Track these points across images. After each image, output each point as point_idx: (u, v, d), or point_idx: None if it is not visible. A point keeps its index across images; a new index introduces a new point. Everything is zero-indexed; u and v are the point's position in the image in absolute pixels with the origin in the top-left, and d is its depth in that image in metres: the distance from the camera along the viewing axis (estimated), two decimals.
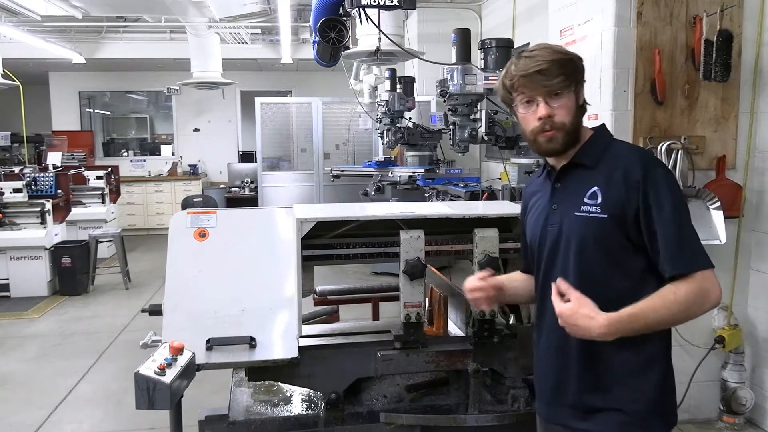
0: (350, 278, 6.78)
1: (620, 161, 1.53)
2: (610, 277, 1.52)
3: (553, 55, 1.52)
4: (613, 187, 1.50)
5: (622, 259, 1.51)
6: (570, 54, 1.56)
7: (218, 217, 2.06)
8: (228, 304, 1.94)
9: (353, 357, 2.04)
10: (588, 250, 1.52)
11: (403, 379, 2.23)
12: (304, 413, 2.03)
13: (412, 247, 1.95)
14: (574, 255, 1.54)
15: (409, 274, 1.95)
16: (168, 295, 1.93)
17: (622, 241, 1.50)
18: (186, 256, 1.99)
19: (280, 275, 1.98)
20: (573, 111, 1.55)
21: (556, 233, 1.58)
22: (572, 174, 1.60)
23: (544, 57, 1.52)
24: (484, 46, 4.61)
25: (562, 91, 1.52)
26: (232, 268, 1.99)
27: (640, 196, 1.47)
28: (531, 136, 1.58)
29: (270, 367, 1.95)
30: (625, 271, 1.51)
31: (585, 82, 1.60)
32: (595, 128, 1.64)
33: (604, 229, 1.50)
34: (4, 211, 6.66)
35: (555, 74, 1.51)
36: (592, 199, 1.52)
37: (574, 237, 1.54)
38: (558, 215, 1.59)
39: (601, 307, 1.45)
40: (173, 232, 2.02)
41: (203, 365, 1.85)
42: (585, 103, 1.60)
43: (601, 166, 1.54)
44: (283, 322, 1.93)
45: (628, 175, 1.49)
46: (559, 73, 1.51)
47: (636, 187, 1.47)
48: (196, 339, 1.85)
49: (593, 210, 1.51)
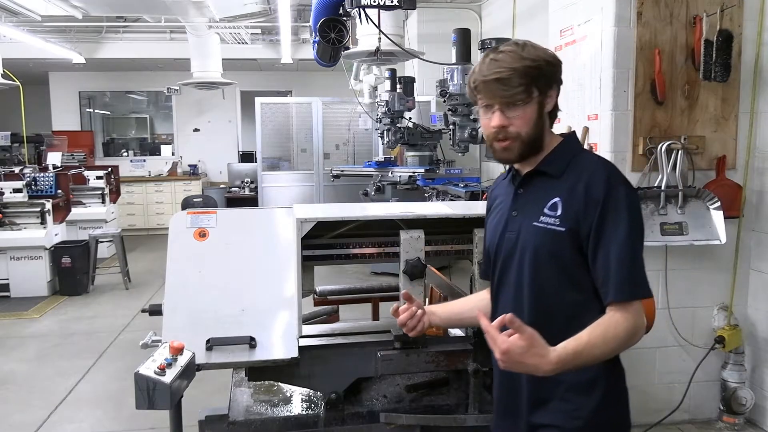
0: (350, 278, 6.78)
1: (585, 173, 1.47)
2: (563, 290, 1.48)
3: (516, 62, 1.43)
4: (574, 200, 1.45)
5: (576, 274, 1.47)
6: (539, 59, 1.46)
7: (218, 217, 2.06)
8: (228, 304, 1.94)
9: (353, 357, 2.04)
10: (542, 262, 1.48)
11: (403, 379, 2.23)
12: (304, 413, 2.03)
13: (412, 247, 1.95)
14: (528, 265, 1.50)
15: (409, 274, 1.95)
16: (168, 295, 1.93)
17: (576, 256, 1.46)
18: (186, 256, 1.99)
19: (280, 275, 1.98)
20: (532, 121, 1.48)
21: (514, 240, 1.54)
22: (536, 182, 1.54)
23: (506, 63, 1.43)
24: (484, 46, 4.61)
25: (522, 101, 1.45)
26: (232, 268, 1.99)
27: (598, 213, 1.42)
28: (488, 142, 1.54)
29: (270, 367, 1.95)
30: (578, 285, 1.47)
31: (558, 86, 1.52)
32: (564, 135, 1.58)
33: (560, 242, 1.46)
34: (4, 211, 6.66)
35: (515, 84, 1.43)
36: (552, 210, 1.47)
37: (529, 247, 1.50)
38: (517, 222, 1.55)
39: (554, 319, 1.44)
40: (173, 232, 2.02)
41: (203, 365, 1.85)
42: (555, 109, 1.53)
43: (566, 177, 1.49)
44: (283, 322, 1.93)
45: (590, 190, 1.43)
46: (519, 83, 1.43)
47: (596, 203, 1.42)
48: (196, 339, 1.85)
49: (552, 222, 1.46)
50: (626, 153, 3.34)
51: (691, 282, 3.48)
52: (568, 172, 1.49)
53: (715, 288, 3.52)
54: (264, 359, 1.89)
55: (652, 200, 3.29)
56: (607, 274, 1.41)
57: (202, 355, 1.84)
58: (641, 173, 3.33)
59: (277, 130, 9.02)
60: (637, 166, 3.35)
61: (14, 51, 9.16)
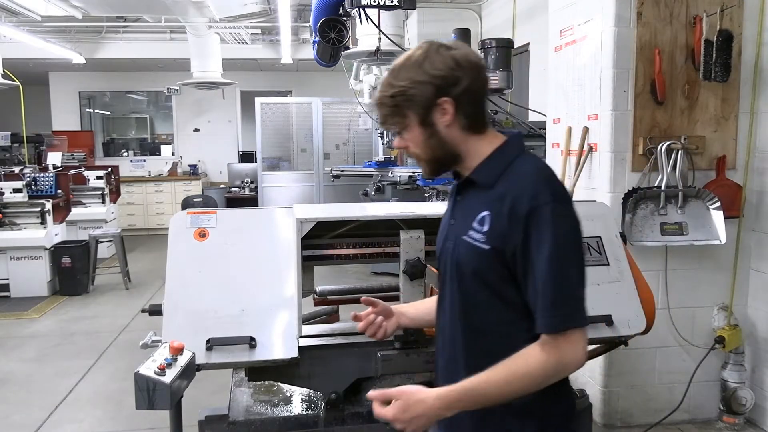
0: (350, 278, 6.78)
1: (515, 185, 1.33)
2: (493, 308, 1.38)
3: (386, 90, 1.38)
4: (501, 216, 1.32)
5: (505, 291, 1.35)
6: (402, 86, 1.36)
7: (218, 217, 2.06)
8: (228, 304, 1.93)
9: (353, 357, 2.04)
10: (466, 278, 1.39)
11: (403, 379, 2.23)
12: (304, 413, 2.03)
13: (412, 247, 1.95)
14: (455, 279, 1.43)
15: (409, 274, 1.95)
16: (168, 295, 1.93)
17: (503, 273, 1.34)
18: (186, 256, 1.99)
19: (280, 275, 1.98)
20: (423, 143, 1.40)
21: (450, 251, 1.45)
22: (470, 190, 1.44)
23: (380, 91, 1.39)
24: (484, 46, 4.61)
25: (399, 127, 1.40)
26: (232, 268, 1.99)
27: (521, 232, 1.29)
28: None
29: (270, 367, 1.95)
30: (508, 301, 1.36)
31: (453, 95, 1.36)
32: (507, 136, 1.44)
33: (484, 261, 1.35)
34: (4, 211, 6.66)
35: (383, 116, 1.40)
36: (480, 225, 1.36)
37: (454, 261, 1.42)
38: (454, 232, 1.45)
39: (487, 337, 1.38)
40: (173, 232, 2.02)
41: (203, 365, 1.85)
42: (474, 115, 1.40)
43: (499, 186, 1.36)
44: (283, 322, 1.93)
45: (515, 205, 1.30)
46: (386, 114, 1.40)
47: (518, 221, 1.29)
48: (196, 339, 1.85)
49: (478, 238, 1.35)
50: (626, 153, 3.34)
51: (691, 282, 3.48)
52: (502, 181, 1.36)
53: (715, 288, 3.52)
54: (264, 359, 1.88)
55: (652, 200, 3.29)
56: (535, 302, 1.30)
57: (202, 355, 1.84)
58: (641, 173, 3.33)
59: (277, 130, 9.02)
60: (637, 166, 3.35)
61: (14, 51, 9.16)
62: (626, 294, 2.13)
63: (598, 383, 3.54)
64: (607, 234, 2.23)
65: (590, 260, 2.17)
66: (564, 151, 3.73)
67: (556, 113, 3.93)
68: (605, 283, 2.15)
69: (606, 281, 2.15)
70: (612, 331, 2.05)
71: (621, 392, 3.52)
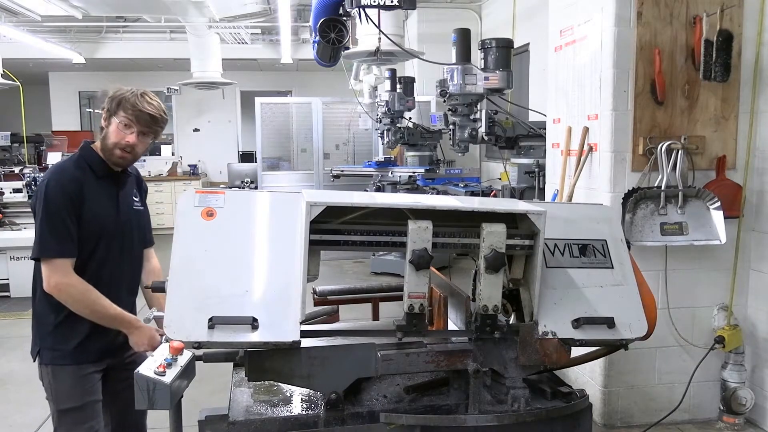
0: (350, 278, 6.79)
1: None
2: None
3: (164, 113, 2.30)
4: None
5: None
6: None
7: (226, 197, 2.05)
8: (232, 284, 1.93)
9: (353, 357, 2.04)
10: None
11: (403, 379, 2.23)
12: (304, 413, 2.03)
13: (420, 237, 1.93)
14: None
15: (415, 264, 1.93)
16: (173, 272, 1.92)
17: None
18: (193, 235, 1.98)
19: (285, 258, 1.97)
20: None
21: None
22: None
23: (163, 110, 2.28)
24: (484, 46, 4.61)
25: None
26: (238, 248, 1.98)
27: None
28: (111, 147, 2.22)
29: (270, 367, 1.95)
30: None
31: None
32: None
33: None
34: (4, 211, 6.67)
35: (162, 127, 2.32)
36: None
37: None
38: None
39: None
40: (181, 211, 2.02)
41: (204, 343, 1.84)
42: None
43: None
44: (286, 305, 1.92)
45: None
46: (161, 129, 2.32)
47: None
48: (198, 317, 1.84)
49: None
50: (626, 153, 3.34)
51: (691, 282, 3.49)
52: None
53: (715, 288, 3.52)
54: (265, 341, 1.88)
55: (652, 200, 3.29)
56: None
57: (204, 333, 1.83)
58: (641, 173, 3.33)
59: (277, 130, 9.03)
60: (637, 166, 3.35)
61: (14, 51, 9.17)
62: (629, 298, 2.12)
63: (598, 383, 3.54)
64: (613, 237, 2.22)
65: (595, 262, 2.16)
66: (564, 151, 3.73)
67: (556, 113, 3.93)
68: (608, 286, 2.14)
69: (609, 284, 2.14)
70: (613, 333, 2.04)
71: (621, 392, 3.53)
